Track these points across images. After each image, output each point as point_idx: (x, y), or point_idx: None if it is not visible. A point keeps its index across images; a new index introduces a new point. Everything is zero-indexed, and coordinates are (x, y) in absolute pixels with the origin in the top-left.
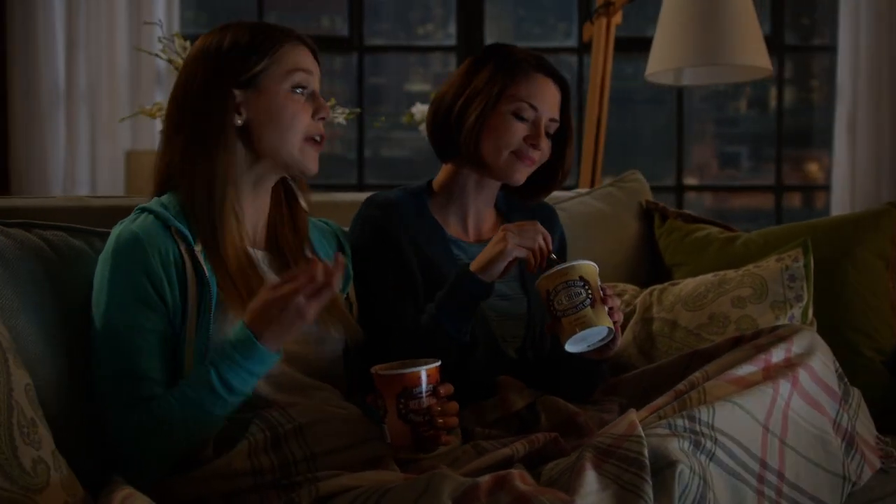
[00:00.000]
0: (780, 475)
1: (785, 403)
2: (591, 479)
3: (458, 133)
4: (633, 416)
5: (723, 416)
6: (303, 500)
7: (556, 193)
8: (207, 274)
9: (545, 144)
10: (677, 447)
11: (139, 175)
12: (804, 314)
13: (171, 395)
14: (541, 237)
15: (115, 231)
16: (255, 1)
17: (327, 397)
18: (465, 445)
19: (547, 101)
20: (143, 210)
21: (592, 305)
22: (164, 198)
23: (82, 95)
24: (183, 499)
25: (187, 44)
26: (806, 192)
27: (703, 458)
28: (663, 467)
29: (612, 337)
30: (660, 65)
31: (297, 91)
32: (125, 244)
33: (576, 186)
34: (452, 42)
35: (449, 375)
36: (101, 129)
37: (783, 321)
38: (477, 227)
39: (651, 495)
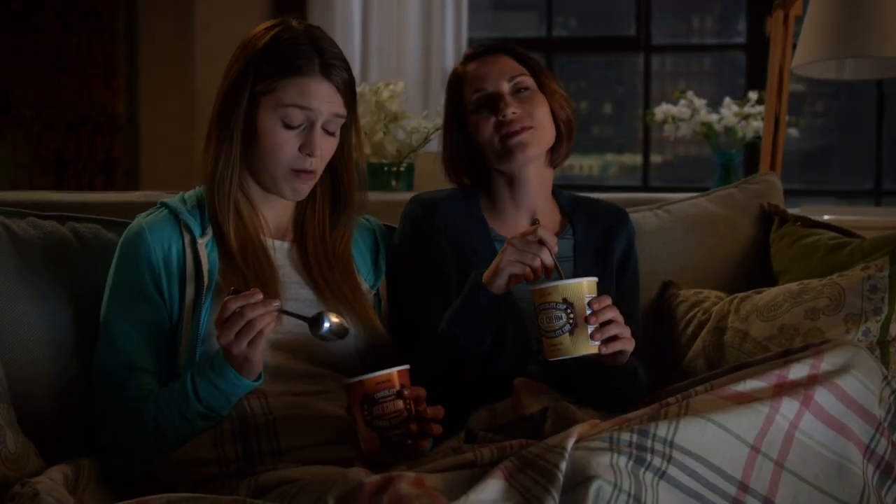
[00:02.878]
0: (768, 501)
1: (789, 424)
2: (492, 487)
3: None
4: (580, 427)
5: (688, 432)
6: (241, 489)
7: (665, 194)
8: (207, 266)
9: (512, 108)
10: (606, 462)
11: (423, 174)
12: (884, 328)
13: (155, 394)
14: (545, 253)
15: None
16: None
17: (328, 388)
18: (446, 447)
19: (485, 77)
20: (162, 204)
21: (572, 332)
22: (191, 191)
23: None
24: (157, 484)
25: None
26: None
27: (648, 475)
28: (579, 482)
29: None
30: (807, 56)
31: (289, 125)
32: (131, 237)
33: None
34: (742, 40)
35: (471, 376)
36: None
37: (854, 335)
38: (531, 223)
39: None
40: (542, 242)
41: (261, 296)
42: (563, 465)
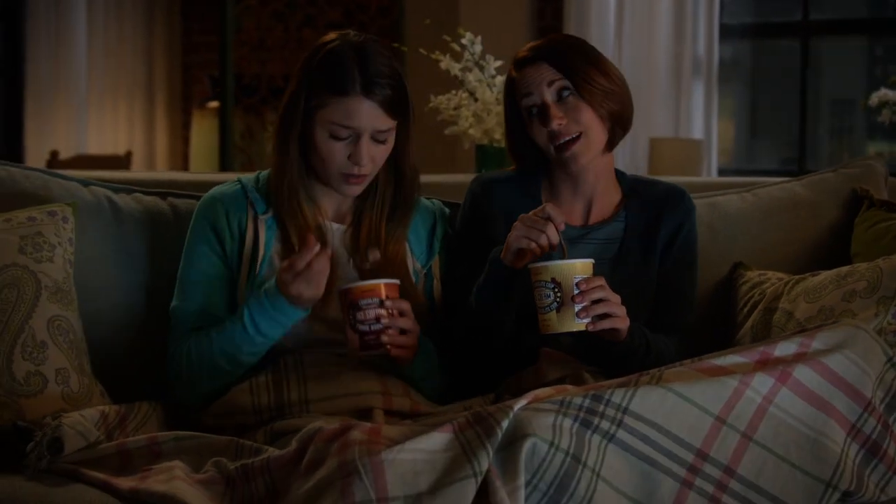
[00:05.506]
0: (729, 470)
1: (762, 398)
2: (435, 439)
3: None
4: (541, 390)
5: (644, 400)
6: (259, 436)
7: (756, 178)
8: (264, 239)
9: (557, 120)
10: (548, 422)
11: (661, 161)
12: None
13: (212, 329)
14: (551, 229)
15: None
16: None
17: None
18: (458, 406)
19: (529, 86)
20: (238, 180)
21: (558, 310)
22: (267, 170)
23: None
24: (204, 429)
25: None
26: None
27: (595, 438)
28: (516, 440)
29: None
30: None
31: (337, 137)
32: (205, 203)
33: None
34: None
35: (497, 345)
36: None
37: (883, 318)
38: (587, 209)
39: (482, 463)
40: (549, 219)
41: (318, 247)
42: (505, 423)
